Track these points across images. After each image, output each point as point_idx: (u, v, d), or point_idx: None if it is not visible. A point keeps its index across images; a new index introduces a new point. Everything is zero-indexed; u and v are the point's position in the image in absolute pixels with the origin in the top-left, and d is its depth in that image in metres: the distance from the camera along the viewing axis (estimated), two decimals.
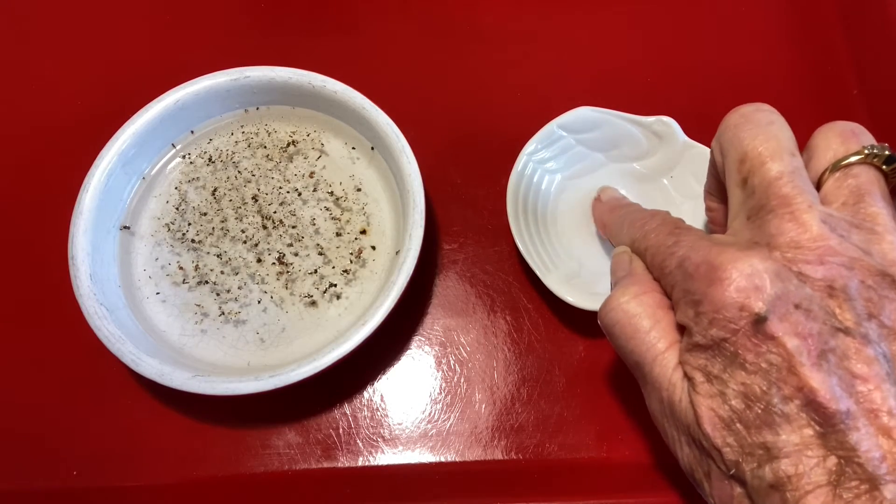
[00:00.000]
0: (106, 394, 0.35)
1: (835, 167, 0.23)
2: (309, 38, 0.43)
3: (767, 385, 0.21)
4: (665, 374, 0.24)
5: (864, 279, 0.21)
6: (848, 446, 0.20)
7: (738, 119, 0.24)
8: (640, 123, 0.36)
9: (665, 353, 0.24)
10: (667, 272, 0.24)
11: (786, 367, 0.21)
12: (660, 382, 0.24)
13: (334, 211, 0.36)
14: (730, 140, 0.24)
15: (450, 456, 0.33)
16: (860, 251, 0.22)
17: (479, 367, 0.35)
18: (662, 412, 0.25)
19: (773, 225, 0.22)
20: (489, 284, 0.37)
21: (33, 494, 0.34)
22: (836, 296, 0.21)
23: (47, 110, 0.42)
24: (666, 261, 0.24)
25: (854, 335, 0.21)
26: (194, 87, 0.36)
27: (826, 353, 0.21)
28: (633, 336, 0.25)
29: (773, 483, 0.21)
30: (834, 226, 0.22)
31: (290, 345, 0.34)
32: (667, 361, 0.24)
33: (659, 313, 0.25)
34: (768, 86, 0.41)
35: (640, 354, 0.25)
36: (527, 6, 0.44)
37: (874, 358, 0.21)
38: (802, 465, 0.20)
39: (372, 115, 0.35)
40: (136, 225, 0.37)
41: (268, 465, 0.34)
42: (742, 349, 0.21)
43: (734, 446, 0.22)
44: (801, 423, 0.20)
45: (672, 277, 0.24)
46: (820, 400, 0.20)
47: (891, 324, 0.21)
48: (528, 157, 0.36)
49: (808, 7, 0.43)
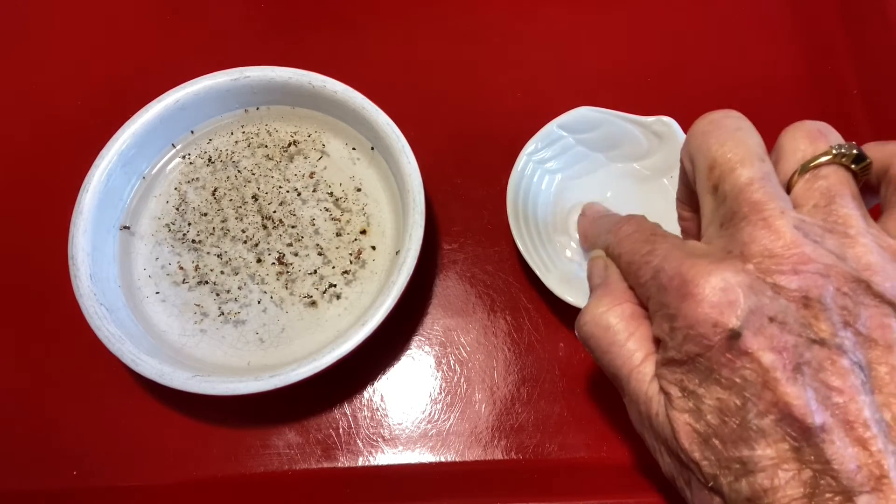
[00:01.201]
0: (106, 394, 0.35)
1: (804, 169, 0.23)
2: (309, 38, 0.43)
3: (742, 401, 0.21)
4: (641, 387, 0.24)
5: (840, 286, 0.21)
6: (823, 459, 0.20)
7: (705, 126, 0.24)
8: (640, 123, 0.36)
9: (640, 366, 0.24)
10: (641, 282, 0.24)
11: (760, 382, 0.20)
12: (637, 395, 0.24)
13: (334, 211, 0.36)
14: (698, 147, 0.24)
15: (450, 456, 0.33)
16: (834, 257, 0.21)
17: (479, 367, 0.35)
18: (642, 423, 0.25)
19: (745, 233, 0.22)
20: (489, 284, 0.37)
21: (33, 494, 0.34)
22: (812, 306, 0.21)
23: (47, 110, 0.42)
24: (640, 270, 0.24)
25: (829, 346, 0.21)
26: (194, 87, 0.36)
27: (801, 365, 0.20)
28: (609, 349, 0.25)
29: (750, 496, 0.21)
30: (807, 231, 0.22)
31: (289, 345, 0.34)
32: (643, 375, 0.24)
33: (633, 325, 0.24)
34: (768, 86, 0.41)
35: (617, 367, 0.25)
36: (527, 6, 0.44)
37: (849, 369, 0.20)
38: (778, 479, 0.20)
39: (372, 115, 0.35)
40: (136, 225, 0.37)
41: (268, 465, 0.34)
42: (717, 365, 0.21)
43: (711, 460, 0.22)
44: (777, 438, 0.20)
45: (647, 289, 0.24)
46: (795, 414, 0.20)
47: (866, 332, 0.21)
48: (528, 157, 0.36)
49: (808, 7, 0.43)
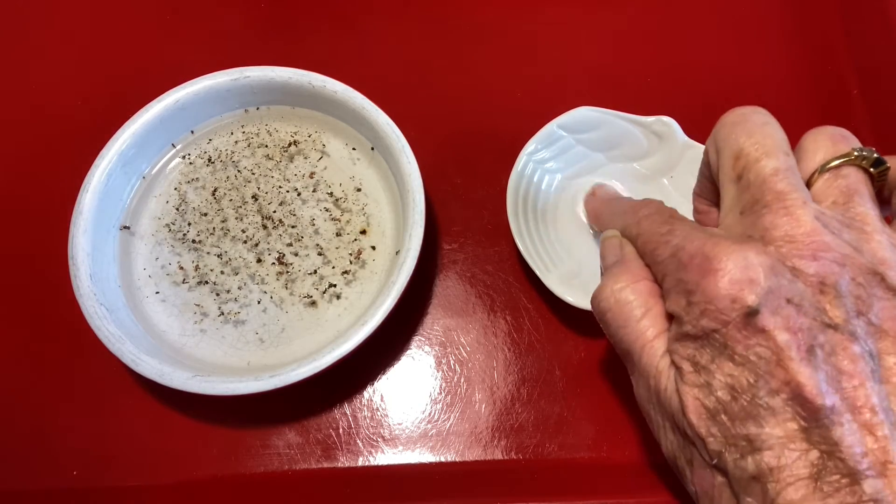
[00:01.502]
0: (106, 394, 0.35)
1: (824, 168, 0.24)
2: (309, 38, 0.43)
3: (755, 378, 0.21)
4: (653, 362, 0.24)
5: (855, 276, 0.22)
6: (831, 441, 0.20)
7: (734, 118, 0.25)
8: (640, 123, 0.36)
9: (654, 341, 0.24)
10: (659, 260, 0.24)
11: (774, 360, 0.21)
12: (647, 370, 0.24)
13: (334, 211, 0.36)
14: (725, 137, 0.25)
15: (450, 456, 0.33)
16: (851, 248, 0.22)
17: (479, 367, 0.35)
18: (649, 399, 0.25)
19: (767, 219, 0.22)
20: (489, 284, 0.37)
21: (33, 494, 0.34)
22: (827, 292, 0.21)
23: (47, 110, 0.42)
24: (658, 249, 0.25)
25: (843, 332, 0.21)
26: (194, 87, 0.36)
27: (814, 348, 0.21)
28: (625, 324, 0.25)
29: (755, 474, 0.21)
30: (826, 223, 0.22)
31: (289, 345, 0.34)
32: (655, 350, 0.24)
33: (650, 301, 0.25)
34: (768, 85, 0.41)
35: (630, 342, 0.25)
36: (527, 6, 0.44)
37: (861, 355, 0.21)
38: (785, 458, 0.20)
39: (372, 115, 0.35)
40: (136, 225, 0.37)
41: (268, 465, 0.34)
42: (732, 341, 0.21)
43: (718, 436, 0.22)
44: (786, 417, 0.21)
45: (664, 266, 0.24)
46: (806, 394, 0.20)
47: (878, 322, 0.22)
48: (528, 157, 0.36)
49: (808, 7, 0.43)
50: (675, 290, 0.23)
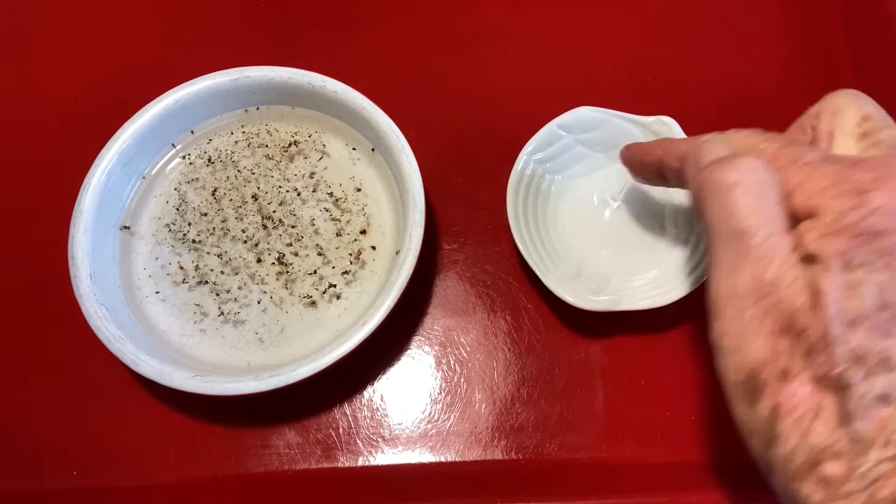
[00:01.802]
0: (106, 394, 0.35)
1: None
2: (309, 38, 0.43)
3: None
4: (781, 250, 0.22)
5: None
6: None
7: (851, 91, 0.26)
8: (640, 123, 0.36)
9: (784, 232, 0.22)
10: (806, 161, 0.23)
11: None
12: (769, 257, 0.22)
13: (334, 212, 0.36)
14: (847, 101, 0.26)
15: (450, 456, 0.33)
16: None
17: (479, 367, 0.35)
18: (753, 292, 0.22)
19: None
20: (489, 284, 0.37)
21: (33, 494, 0.34)
22: None
23: (47, 110, 0.42)
24: (805, 150, 0.24)
25: None
26: (194, 87, 0.36)
27: None
28: (755, 202, 0.23)
29: (883, 394, 0.19)
30: None
31: (289, 345, 0.34)
32: (785, 242, 0.22)
33: (784, 191, 0.23)
34: (768, 85, 0.41)
35: (752, 223, 0.22)
36: (527, 6, 0.44)
37: None
38: None
39: (372, 115, 0.35)
40: (136, 225, 0.37)
41: (268, 465, 0.34)
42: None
43: (852, 344, 0.20)
44: None
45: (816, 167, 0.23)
46: None
47: None
48: (528, 157, 0.36)
49: (807, 7, 0.43)
50: (836, 188, 0.22)
